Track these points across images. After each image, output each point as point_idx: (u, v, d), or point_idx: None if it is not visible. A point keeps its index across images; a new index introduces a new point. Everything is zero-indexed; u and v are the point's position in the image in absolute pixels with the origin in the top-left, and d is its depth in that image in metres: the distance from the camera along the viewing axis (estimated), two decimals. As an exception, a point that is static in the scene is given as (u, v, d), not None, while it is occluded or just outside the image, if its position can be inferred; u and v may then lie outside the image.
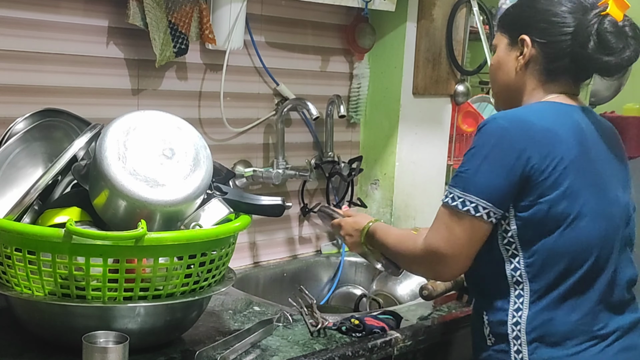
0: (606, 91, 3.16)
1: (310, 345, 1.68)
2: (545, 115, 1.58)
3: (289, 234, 2.54)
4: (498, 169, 1.52)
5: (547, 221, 1.54)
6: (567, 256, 1.55)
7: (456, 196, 1.55)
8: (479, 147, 1.55)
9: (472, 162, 1.55)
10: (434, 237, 1.59)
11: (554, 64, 1.63)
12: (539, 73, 1.65)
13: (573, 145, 1.56)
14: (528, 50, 1.64)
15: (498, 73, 1.72)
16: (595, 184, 1.58)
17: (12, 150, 1.69)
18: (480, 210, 1.53)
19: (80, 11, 1.93)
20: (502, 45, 1.71)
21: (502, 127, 1.54)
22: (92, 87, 1.98)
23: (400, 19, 2.59)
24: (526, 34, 1.65)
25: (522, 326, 1.56)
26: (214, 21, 2.11)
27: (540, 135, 1.53)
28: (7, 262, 1.50)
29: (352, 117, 2.65)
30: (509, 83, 1.69)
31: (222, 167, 1.86)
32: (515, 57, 1.67)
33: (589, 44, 1.56)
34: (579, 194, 1.54)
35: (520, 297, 1.57)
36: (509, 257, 1.58)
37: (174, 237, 1.49)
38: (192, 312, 1.64)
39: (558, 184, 1.53)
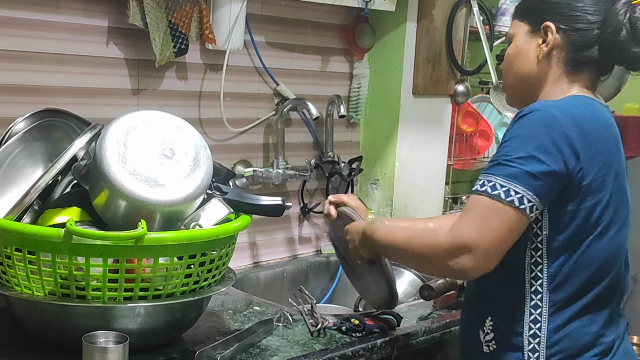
0: (606, 91, 3.15)
1: (310, 345, 1.68)
2: (590, 113, 1.50)
3: (289, 234, 2.54)
4: (549, 161, 1.41)
5: (581, 229, 1.47)
6: (593, 267, 1.49)
7: (498, 184, 1.41)
8: (527, 137, 1.42)
9: (519, 150, 1.42)
10: (465, 229, 1.42)
11: (580, 53, 1.56)
12: (564, 63, 1.57)
13: (615, 150, 1.51)
14: (553, 37, 1.56)
15: (516, 62, 1.62)
16: (624, 191, 1.54)
17: (12, 150, 1.69)
18: (525, 202, 1.40)
19: (80, 11, 1.93)
20: (522, 33, 1.61)
21: (554, 116, 1.43)
22: (92, 87, 1.98)
23: (400, 19, 2.59)
24: (551, 20, 1.56)
25: (542, 339, 1.49)
26: (214, 21, 2.11)
27: (591, 134, 1.46)
28: (7, 262, 1.50)
29: (352, 117, 2.65)
30: (529, 73, 1.60)
31: (222, 167, 1.86)
32: (537, 45, 1.58)
33: (621, 33, 1.51)
34: (611, 202, 1.49)
35: (537, 308, 1.50)
36: (530, 264, 1.50)
37: (174, 237, 1.49)
38: (192, 312, 1.64)
39: (598, 191, 1.46)
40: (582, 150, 1.43)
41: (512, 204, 1.40)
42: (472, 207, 1.44)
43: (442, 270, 1.51)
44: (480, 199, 1.43)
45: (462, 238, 1.42)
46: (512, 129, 1.46)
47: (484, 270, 1.43)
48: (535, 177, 1.40)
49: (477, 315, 1.59)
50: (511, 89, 1.67)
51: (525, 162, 1.41)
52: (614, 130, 1.55)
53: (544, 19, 1.57)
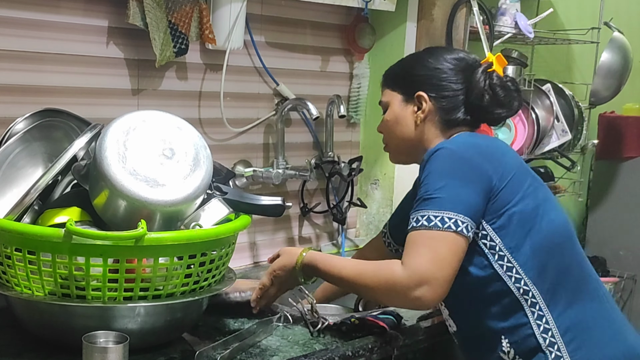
0: (606, 91, 3.15)
1: (310, 345, 1.68)
2: (477, 138, 1.69)
3: (289, 234, 2.54)
4: (465, 184, 1.55)
5: (523, 221, 1.58)
6: (555, 246, 1.60)
7: (432, 216, 1.52)
8: (439, 170, 1.57)
9: (436, 183, 1.55)
10: (418, 261, 1.50)
11: (451, 116, 1.73)
12: (439, 123, 1.74)
13: (512, 154, 1.67)
14: (427, 104, 1.73)
15: (397, 128, 1.79)
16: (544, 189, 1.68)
17: (12, 150, 1.69)
18: (459, 224, 1.51)
19: (80, 11, 1.93)
20: (397, 102, 1.79)
21: (455, 150, 1.60)
22: (92, 87, 1.98)
23: (400, 19, 2.59)
24: (422, 90, 1.74)
25: (554, 331, 1.56)
26: (214, 21, 2.11)
27: (488, 151, 1.62)
28: (7, 262, 1.50)
29: (352, 117, 2.65)
30: (410, 136, 1.77)
31: (222, 167, 1.86)
32: (413, 112, 1.76)
33: (485, 98, 1.70)
34: (537, 191, 1.63)
35: (535, 305, 1.57)
36: (505, 272, 1.58)
37: (174, 237, 1.49)
38: (192, 312, 1.64)
39: (517, 187, 1.59)
40: (488, 166, 1.58)
41: (450, 229, 1.51)
42: (415, 241, 1.53)
43: (400, 303, 1.58)
44: (420, 233, 1.53)
45: (419, 272, 1.50)
46: (424, 169, 1.61)
47: (440, 297, 1.52)
48: (459, 201, 1.53)
49: (490, 342, 1.63)
50: (395, 150, 1.86)
51: (445, 190, 1.54)
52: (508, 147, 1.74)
53: (416, 89, 1.75)
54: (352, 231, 2.75)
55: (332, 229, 2.66)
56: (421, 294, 1.49)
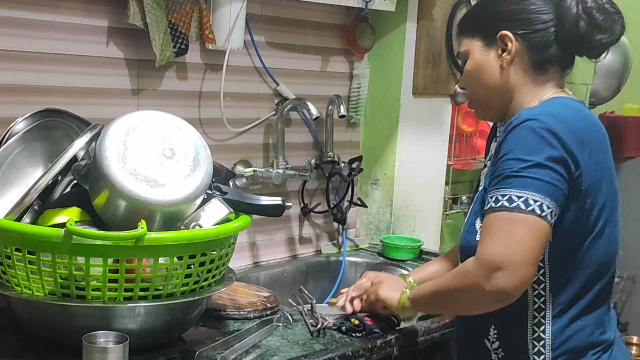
0: (606, 91, 3.16)
1: (310, 345, 1.68)
2: (579, 115, 1.50)
3: (289, 234, 2.54)
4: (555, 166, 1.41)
5: (580, 231, 1.48)
6: (593, 267, 1.50)
7: (514, 196, 1.39)
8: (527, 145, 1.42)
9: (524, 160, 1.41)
10: (490, 247, 1.39)
11: (542, 54, 1.56)
12: (528, 67, 1.57)
13: (604, 150, 1.51)
14: (513, 44, 1.56)
15: (480, 77, 1.61)
16: (615, 190, 1.54)
17: (12, 150, 1.69)
18: (545, 209, 1.38)
19: (80, 11, 1.93)
20: (477, 49, 1.61)
21: (547, 123, 1.42)
22: (92, 87, 1.98)
23: (400, 19, 2.59)
24: (506, 29, 1.56)
25: (547, 342, 1.50)
26: (214, 21, 2.11)
27: (583, 138, 1.45)
28: (7, 262, 1.50)
29: (352, 117, 2.65)
30: (495, 84, 1.59)
31: (222, 167, 1.86)
32: (497, 56, 1.58)
33: (580, 23, 1.52)
34: (607, 202, 1.50)
35: (541, 311, 1.51)
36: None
37: (174, 237, 1.49)
38: (192, 312, 1.64)
39: (595, 193, 1.47)
40: (579, 155, 1.43)
41: (534, 212, 1.38)
42: (492, 225, 1.41)
43: (481, 298, 1.42)
44: (498, 215, 1.41)
45: (490, 258, 1.38)
46: (508, 140, 1.45)
47: (523, 284, 1.39)
48: (548, 183, 1.39)
49: (479, 325, 1.58)
50: (481, 103, 1.65)
51: (534, 171, 1.40)
52: (601, 130, 1.55)
53: (499, 29, 1.57)
54: (352, 231, 2.75)
55: (332, 229, 2.66)
56: (497, 282, 1.37)
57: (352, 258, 2.58)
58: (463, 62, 1.65)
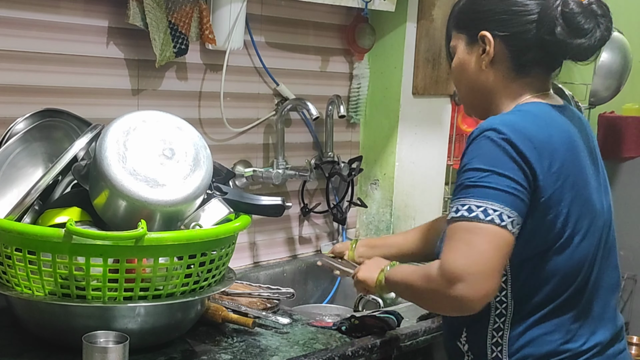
0: (605, 91, 3.15)
1: (310, 345, 1.68)
2: (542, 123, 1.46)
3: (289, 234, 2.54)
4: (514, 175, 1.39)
5: (542, 243, 1.45)
6: (557, 278, 1.48)
7: (474, 206, 1.37)
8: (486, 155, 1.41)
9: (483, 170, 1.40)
10: (452, 257, 1.37)
11: (522, 58, 1.51)
12: (508, 69, 1.52)
13: (568, 159, 1.46)
14: (491, 46, 1.51)
15: (463, 75, 1.58)
16: (585, 198, 1.48)
17: (12, 151, 1.69)
18: (505, 218, 1.36)
19: (80, 11, 1.93)
20: (462, 45, 1.57)
21: (508, 136, 1.40)
22: (92, 87, 1.98)
23: (400, 19, 2.59)
24: (486, 29, 1.51)
25: (504, 347, 1.50)
26: (214, 21, 2.11)
27: (542, 147, 1.42)
28: (7, 262, 1.50)
29: (352, 117, 2.65)
30: (476, 85, 1.56)
31: (222, 167, 1.86)
32: (478, 56, 1.54)
33: (556, 29, 1.44)
34: (572, 212, 1.45)
35: (502, 317, 1.50)
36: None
37: (174, 237, 1.49)
38: (192, 312, 1.64)
39: (557, 204, 1.43)
40: (537, 165, 1.40)
41: (493, 222, 1.36)
42: (452, 235, 1.40)
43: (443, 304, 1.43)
44: (458, 225, 1.39)
45: (450, 268, 1.37)
46: (468, 151, 1.43)
47: (486, 295, 1.37)
48: (508, 193, 1.38)
49: (455, 328, 1.59)
50: (466, 100, 1.63)
51: (493, 180, 1.38)
52: (569, 136, 1.49)
53: (480, 29, 1.52)
54: (352, 231, 2.75)
55: (332, 229, 2.66)
56: (457, 293, 1.36)
57: (352, 258, 2.58)
58: (452, 56, 1.62)
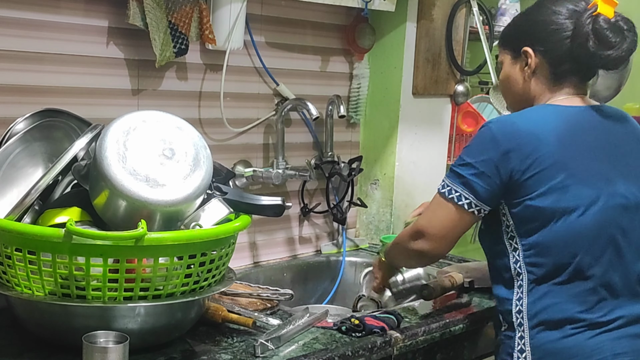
0: (606, 91, 3.15)
1: (310, 345, 1.68)
2: (532, 118, 1.70)
3: (289, 234, 2.54)
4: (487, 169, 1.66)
5: (537, 217, 1.65)
6: (560, 247, 1.65)
7: (446, 184, 1.72)
8: (473, 146, 1.71)
9: (465, 158, 1.70)
10: (422, 218, 1.80)
11: (558, 68, 1.74)
12: (546, 79, 1.76)
13: (556, 146, 1.65)
14: (532, 60, 1.76)
15: (509, 86, 1.84)
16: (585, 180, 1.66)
17: (12, 151, 1.69)
18: (462, 199, 1.70)
19: (80, 11, 1.93)
20: (507, 61, 1.83)
21: (491, 130, 1.68)
22: (92, 87, 1.98)
23: (400, 19, 2.59)
24: (527, 45, 1.76)
25: (524, 313, 1.68)
26: (214, 21, 2.11)
27: (523, 139, 1.65)
28: (7, 262, 1.50)
29: (352, 117, 2.65)
30: (520, 93, 1.81)
31: (222, 167, 1.86)
32: (521, 69, 1.79)
33: (589, 43, 1.67)
34: (566, 191, 1.64)
35: (521, 287, 1.70)
36: (511, 251, 1.71)
37: (174, 237, 1.49)
38: (192, 312, 1.64)
39: (540, 182, 1.64)
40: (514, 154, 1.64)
41: (452, 200, 1.71)
42: (431, 202, 1.79)
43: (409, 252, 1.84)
44: (436, 195, 1.76)
45: (417, 225, 1.79)
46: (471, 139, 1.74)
47: (438, 252, 1.79)
48: (470, 180, 1.68)
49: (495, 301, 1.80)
50: (512, 107, 1.89)
51: (463, 169, 1.69)
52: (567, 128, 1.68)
53: (522, 45, 1.77)
54: (352, 231, 2.75)
55: (332, 229, 2.66)
56: (420, 246, 1.78)
57: (352, 258, 2.58)
58: (500, 71, 1.88)
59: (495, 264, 1.77)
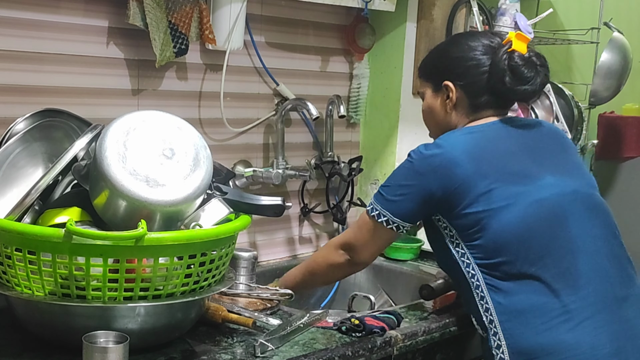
0: (605, 91, 3.15)
1: (310, 345, 1.68)
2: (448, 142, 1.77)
3: (289, 234, 2.54)
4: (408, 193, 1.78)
5: (475, 221, 1.72)
6: (503, 245, 1.70)
7: (375, 207, 1.82)
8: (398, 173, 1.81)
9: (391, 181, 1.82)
10: (349, 232, 1.93)
11: (477, 100, 1.84)
12: (466, 109, 1.86)
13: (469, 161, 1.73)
14: (453, 93, 1.85)
15: (431, 117, 1.93)
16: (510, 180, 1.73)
17: (12, 151, 1.69)
18: (381, 217, 1.81)
19: (80, 11, 1.93)
20: (429, 93, 1.92)
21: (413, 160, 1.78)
22: (92, 87, 1.98)
23: (400, 19, 2.59)
24: (448, 79, 1.86)
25: (492, 310, 1.71)
26: (214, 21, 2.11)
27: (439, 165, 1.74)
28: (7, 262, 1.50)
29: (352, 117, 2.65)
30: (442, 123, 1.90)
31: (222, 167, 1.86)
32: (443, 101, 1.88)
33: (505, 79, 1.78)
34: (493, 193, 1.71)
35: (478, 287, 1.73)
36: (460, 257, 1.76)
37: (174, 237, 1.49)
38: (192, 312, 1.64)
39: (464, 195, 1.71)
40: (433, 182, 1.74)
41: (374, 218, 1.82)
42: (358, 221, 1.91)
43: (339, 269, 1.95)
44: (363, 216, 1.87)
45: (346, 239, 1.92)
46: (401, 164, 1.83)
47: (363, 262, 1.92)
48: (391, 201, 1.80)
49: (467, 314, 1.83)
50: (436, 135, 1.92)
51: (386, 190, 1.81)
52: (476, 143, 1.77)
53: (442, 79, 1.87)
54: (352, 231, 2.75)
55: (332, 229, 2.66)
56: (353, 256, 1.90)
57: (352, 258, 2.58)
58: (422, 99, 1.97)
59: (451, 272, 1.83)
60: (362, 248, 1.88)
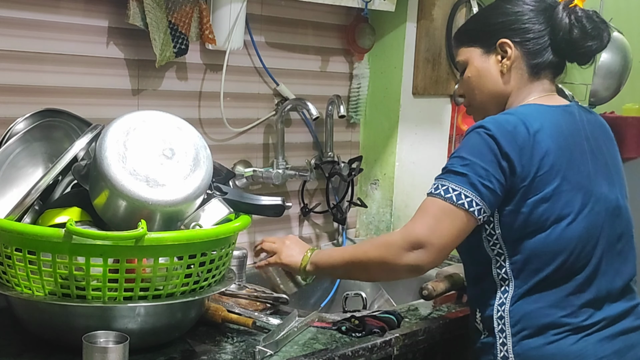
0: (605, 91, 3.15)
1: (310, 345, 1.68)
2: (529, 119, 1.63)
3: (289, 234, 2.53)
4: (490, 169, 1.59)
5: (528, 225, 1.62)
6: (548, 254, 1.63)
7: (450, 188, 1.60)
8: (471, 147, 1.61)
9: (466, 159, 1.60)
10: (419, 227, 1.61)
11: (537, 59, 1.72)
12: (524, 71, 1.73)
13: (553, 150, 1.62)
14: (512, 51, 1.72)
15: (481, 82, 1.77)
16: (578, 185, 1.64)
17: (12, 151, 1.69)
18: (473, 205, 1.58)
19: (80, 11, 1.93)
20: (476, 56, 1.77)
21: (491, 130, 1.60)
22: (92, 87, 1.98)
23: (400, 19, 2.59)
24: (504, 37, 1.72)
25: (506, 319, 1.65)
26: (214, 21, 2.11)
27: (522, 143, 1.59)
28: (7, 262, 1.50)
29: (352, 117, 2.65)
30: (496, 88, 1.75)
31: (222, 167, 1.86)
32: (497, 62, 1.74)
33: (574, 31, 1.68)
34: (559, 197, 1.62)
35: (505, 293, 1.67)
36: (494, 257, 1.67)
37: (174, 237, 1.49)
38: (192, 312, 1.64)
39: (537, 189, 1.60)
40: (516, 159, 1.58)
41: (463, 206, 1.58)
42: (426, 208, 1.63)
43: (397, 267, 1.65)
44: (434, 200, 1.61)
45: (415, 235, 1.60)
46: (462, 141, 1.66)
47: (435, 264, 1.63)
48: (481, 183, 1.58)
49: (471, 307, 1.78)
50: (482, 108, 1.79)
51: (471, 170, 1.58)
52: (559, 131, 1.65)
53: (498, 38, 1.73)
54: (352, 231, 2.75)
55: (332, 229, 2.66)
56: (416, 257, 1.60)
57: (352, 258, 2.58)
58: (462, 70, 1.81)
59: (475, 270, 1.73)
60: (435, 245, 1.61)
